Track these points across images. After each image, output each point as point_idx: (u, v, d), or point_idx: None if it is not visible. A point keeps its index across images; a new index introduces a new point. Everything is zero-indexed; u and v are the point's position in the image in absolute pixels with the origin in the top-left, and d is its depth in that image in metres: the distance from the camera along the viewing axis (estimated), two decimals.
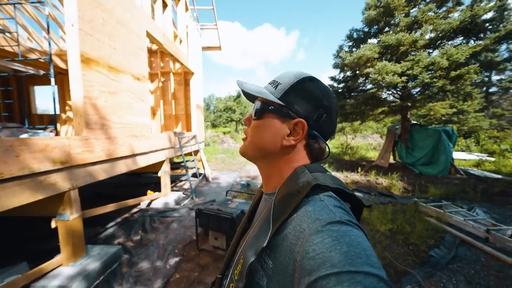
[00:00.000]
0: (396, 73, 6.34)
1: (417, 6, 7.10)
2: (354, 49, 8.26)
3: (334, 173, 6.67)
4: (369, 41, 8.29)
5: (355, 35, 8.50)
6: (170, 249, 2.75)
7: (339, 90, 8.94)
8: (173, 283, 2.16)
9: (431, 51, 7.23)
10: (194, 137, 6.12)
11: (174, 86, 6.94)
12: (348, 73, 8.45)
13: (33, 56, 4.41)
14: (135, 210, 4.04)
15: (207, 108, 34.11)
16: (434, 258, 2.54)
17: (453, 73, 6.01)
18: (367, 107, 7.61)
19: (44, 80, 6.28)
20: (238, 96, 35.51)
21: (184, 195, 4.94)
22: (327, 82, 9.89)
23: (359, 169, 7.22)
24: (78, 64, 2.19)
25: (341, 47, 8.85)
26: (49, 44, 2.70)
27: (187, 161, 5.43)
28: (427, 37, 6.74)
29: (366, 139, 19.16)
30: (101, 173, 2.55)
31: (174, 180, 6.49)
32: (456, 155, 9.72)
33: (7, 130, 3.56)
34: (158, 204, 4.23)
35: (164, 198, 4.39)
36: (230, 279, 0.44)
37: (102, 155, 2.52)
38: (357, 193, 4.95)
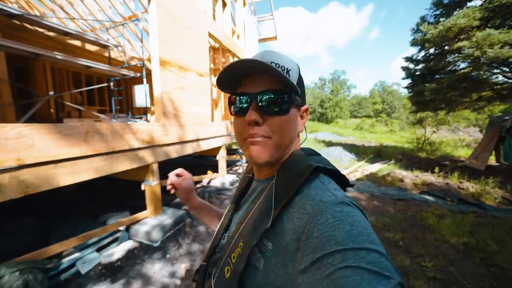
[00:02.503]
0: (508, 43, 4.67)
1: None
2: (442, 19, 6.54)
3: (399, 171, 5.76)
4: (469, 4, 6.34)
5: (446, 0, 6.68)
6: None
7: (417, 73, 7.38)
8: None
9: None
10: None
11: None
12: (431, 51, 6.81)
13: (133, 62, 5.81)
14: (198, 186, 4.86)
15: None
16: None
17: None
18: (455, 92, 6.00)
19: (140, 80, 8.15)
20: None
21: (237, 178, 5.50)
22: (401, 63, 8.26)
23: (437, 169, 5.92)
24: (158, 66, 2.81)
25: (423, 19, 7.18)
26: (142, 52, 3.55)
27: None
28: None
29: (457, 134, 15.05)
30: (173, 152, 3.24)
31: (230, 164, 7.26)
32: None
33: (119, 119, 4.96)
34: (216, 183, 4.93)
35: (221, 178, 5.06)
36: (225, 263, 0.43)
37: (174, 138, 3.18)
38: (426, 196, 4.17)
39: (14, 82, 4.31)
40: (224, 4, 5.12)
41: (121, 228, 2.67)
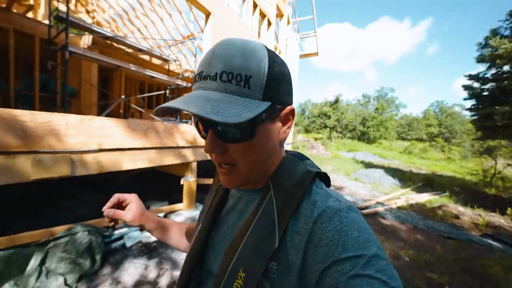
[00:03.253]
0: None
1: None
2: None
3: (454, 206, 4.94)
4: None
5: None
6: None
7: (484, 93, 6.38)
8: None
9: None
10: None
11: None
12: (505, 68, 5.84)
13: (186, 74, 6.68)
14: None
15: (302, 113, 34.48)
16: None
17: None
18: None
19: (190, 90, 9.21)
20: (336, 101, 33.33)
21: None
22: (463, 81, 7.28)
23: (509, 211, 4.86)
24: None
25: (494, 32, 6.27)
26: (195, 66, 4.10)
27: None
28: None
29: None
30: None
31: None
32: None
33: (170, 121, 5.69)
34: None
35: None
36: None
37: None
38: (489, 240, 3.48)
39: (100, 87, 5.46)
40: (269, 24, 5.53)
41: (160, 214, 3.03)
